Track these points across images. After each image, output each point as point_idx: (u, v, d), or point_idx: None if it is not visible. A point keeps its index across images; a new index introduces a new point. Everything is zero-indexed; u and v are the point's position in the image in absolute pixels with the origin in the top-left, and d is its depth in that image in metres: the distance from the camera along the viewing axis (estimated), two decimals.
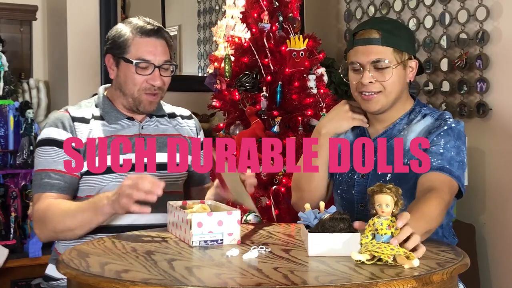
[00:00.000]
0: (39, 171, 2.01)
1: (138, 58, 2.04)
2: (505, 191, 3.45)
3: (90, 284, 1.36)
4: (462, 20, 3.58)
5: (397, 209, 1.48)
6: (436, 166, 1.86)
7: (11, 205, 3.15)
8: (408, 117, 2.02)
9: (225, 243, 1.70)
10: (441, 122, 1.95)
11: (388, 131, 2.01)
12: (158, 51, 2.06)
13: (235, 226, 1.72)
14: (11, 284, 3.09)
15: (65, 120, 2.05)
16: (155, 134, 2.13)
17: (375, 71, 1.94)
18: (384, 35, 1.93)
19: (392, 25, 2.02)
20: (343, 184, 2.06)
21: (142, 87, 2.06)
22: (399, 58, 1.95)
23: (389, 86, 1.94)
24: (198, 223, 1.68)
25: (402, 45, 1.96)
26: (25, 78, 3.59)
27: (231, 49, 3.34)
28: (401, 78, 1.97)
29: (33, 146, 3.18)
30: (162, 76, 2.07)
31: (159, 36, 2.08)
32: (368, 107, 1.98)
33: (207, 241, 1.69)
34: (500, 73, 3.44)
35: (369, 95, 1.96)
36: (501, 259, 3.48)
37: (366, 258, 1.43)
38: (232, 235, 1.71)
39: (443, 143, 1.91)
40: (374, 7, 4.13)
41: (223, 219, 1.70)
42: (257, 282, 1.31)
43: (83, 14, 3.62)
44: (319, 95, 3.27)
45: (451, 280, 1.45)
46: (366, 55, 1.94)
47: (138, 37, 2.05)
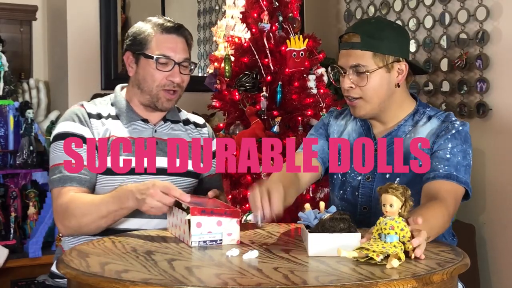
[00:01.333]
0: (56, 166, 1.99)
1: (159, 53, 2.04)
2: (505, 191, 3.44)
3: (90, 284, 1.36)
4: (462, 20, 3.58)
5: (405, 210, 1.48)
6: (443, 173, 1.85)
7: (11, 205, 3.15)
8: (413, 118, 2.01)
9: (225, 243, 1.69)
10: (448, 125, 1.94)
11: (393, 132, 2.00)
12: (179, 48, 2.07)
13: (235, 227, 1.71)
14: (11, 284, 3.09)
15: (80, 115, 2.04)
16: (168, 138, 2.11)
17: (355, 76, 1.93)
18: (364, 39, 1.91)
19: (375, 27, 1.97)
20: (346, 185, 2.04)
21: (161, 83, 2.05)
22: (380, 62, 1.92)
23: (369, 92, 1.93)
24: (197, 223, 1.67)
25: (384, 48, 1.92)
26: (25, 78, 3.60)
27: (231, 49, 3.34)
28: (384, 83, 1.94)
29: (33, 146, 3.18)
30: (181, 73, 2.07)
31: (180, 34, 2.08)
32: (354, 112, 1.99)
33: (206, 241, 1.68)
34: (500, 73, 3.44)
35: (352, 101, 1.96)
36: (501, 259, 3.48)
37: (353, 256, 1.43)
38: (231, 235, 1.71)
39: (450, 147, 1.89)
40: (374, 7, 4.13)
41: (222, 220, 1.70)
42: (257, 282, 1.31)
43: (83, 14, 3.63)
44: (319, 95, 3.27)
45: (451, 280, 1.45)
46: (346, 59, 1.94)
47: (159, 34, 2.05)
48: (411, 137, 1.97)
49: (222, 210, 1.73)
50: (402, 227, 1.46)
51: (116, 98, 2.12)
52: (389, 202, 1.47)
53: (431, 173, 1.87)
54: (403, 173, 1.94)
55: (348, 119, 2.12)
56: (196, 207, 1.69)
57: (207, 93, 3.57)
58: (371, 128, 2.04)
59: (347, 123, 2.11)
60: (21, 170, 3.16)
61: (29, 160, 3.14)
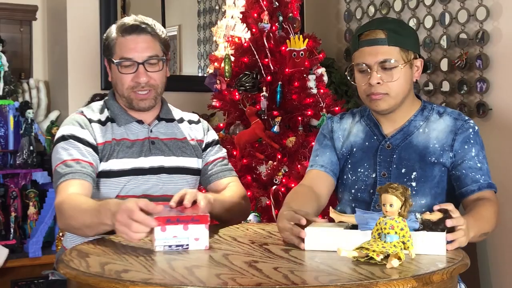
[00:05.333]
0: (57, 165, 1.98)
1: (120, 57, 2.04)
2: (505, 191, 3.44)
3: (90, 284, 1.36)
4: (462, 20, 3.58)
5: (405, 209, 1.48)
6: (485, 184, 1.95)
7: (11, 205, 3.15)
8: (422, 113, 2.04)
9: (192, 249, 1.62)
10: (463, 123, 2.00)
11: (404, 128, 2.02)
12: (139, 47, 2.04)
13: (203, 232, 1.63)
14: (11, 284, 3.09)
15: (81, 120, 2.05)
16: (164, 138, 2.12)
17: (382, 72, 1.94)
18: (390, 35, 1.93)
19: (397, 24, 2.02)
20: (358, 183, 2.04)
21: (130, 85, 2.05)
22: (405, 57, 1.95)
23: (396, 87, 1.95)
24: (162, 227, 1.60)
25: (408, 44, 1.96)
26: (25, 78, 3.60)
27: (231, 49, 3.34)
28: (408, 78, 1.98)
29: (33, 146, 3.18)
30: (148, 72, 2.05)
31: (140, 32, 2.05)
32: (376, 106, 1.98)
33: (171, 246, 1.61)
34: (500, 73, 3.44)
35: (376, 95, 1.96)
36: (501, 259, 3.48)
37: (353, 255, 1.43)
38: (198, 240, 1.62)
39: (474, 154, 1.97)
40: (374, 7, 4.13)
41: (189, 225, 1.62)
42: (257, 282, 1.31)
43: (83, 14, 3.62)
44: (319, 95, 3.27)
45: (451, 280, 1.45)
46: (373, 56, 1.94)
47: (120, 37, 2.05)
48: (425, 131, 2.00)
49: (189, 217, 1.63)
50: (402, 226, 1.46)
51: (109, 102, 2.14)
52: (389, 202, 1.47)
53: (473, 185, 1.95)
54: (419, 167, 1.97)
55: (352, 121, 2.12)
56: (160, 217, 1.60)
57: (207, 93, 3.57)
58: (380, 126, 2.05)
59: (351, 126, 2.11)
60: (21, 170, 3.16)
61: (29, 160, 3.14)
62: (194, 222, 1.62)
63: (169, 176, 2.07)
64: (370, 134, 2.06)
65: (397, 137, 2.01)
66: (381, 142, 2.03)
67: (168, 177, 2.07)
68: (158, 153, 2.08)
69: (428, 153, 1.97)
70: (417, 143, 1.99)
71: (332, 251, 1.51)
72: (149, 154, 2.07)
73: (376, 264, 1.42)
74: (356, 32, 2.02)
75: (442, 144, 1.98)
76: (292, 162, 3.16)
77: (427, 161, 1.97)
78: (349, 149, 2.07)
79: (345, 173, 2.07)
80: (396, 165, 1.98)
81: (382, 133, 2.04)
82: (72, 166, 1.96)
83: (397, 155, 1.99)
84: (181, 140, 2.16)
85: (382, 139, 2.03)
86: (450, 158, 1.97)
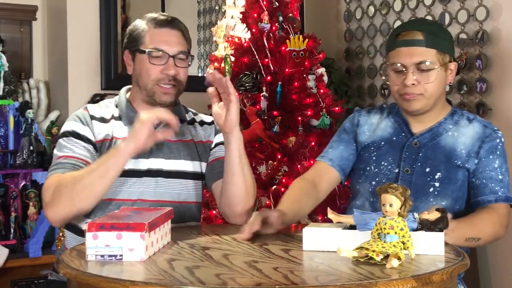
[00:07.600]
0: (54, 160, 1.99)
1: (152, 47, 2.03)
2: None
3: (90, 284, 1.36)
4: (462, 20, 3.58)
5: (404, 209, 1.48)
6: (503, 197, 1.95)
7: (11, 205, 3.15)
8: (452, 117, 2.06)
9: (126, 260, 1.49)
10: (491, 132, 2.01)
11: (434, 129, 2.04)
12: (172, 41, 2.05)
13: (137, 241, 1.49)
14: (11, 284, 3.09)
15: (82, 116, 2.05)
16: (169, 139, 2.05)
17: (418, 73, 1.95)
18: (428, 37, 1.94)
19: (435, 26, 2.05)
20: (380, 176, 2.04)
21: (157, 78, 2.03)
22: (441, 60, 1.97)
23: (431, 88, 1.96)
24: (94, 235, 1.49)
25: (444, 47, 1.97)
26: (25, 78, 3.60)
27: (231, 49, 3.34)
28: (442, 80, 1.99)
29: (33, 146, 3.18)
30: (177, 66, 2.05)
31: (174, 27, 2.07)
32: (409, 106, 2.00)
33: (104, 256, 1.49)
34: (500, 73, 3.44)
35: (412, 95, 1.97)
36: (501, 259, 3.48)
37: (352, 255, 1.43)
38: (133, 251, 1.49)
39: (497, 166, 1.98)
40: (374, 7, 4.13)
41: (123, 233, 1.49)
42: (257, 282, 1.31)
43: (83, 14, 3.62)
44: (319, 95, 3.27)
45: (451, 280, 1.45)
46: (410, 57, 1.95)
47: (153, 28, 2.05)
48: (454, 135, 2.02)
49: (125, 224, 1.50)
50: (401, 226, 1.46)
51: (119, 99, 2.12)
52: (388, 202, 1.47)
53: (491, 195, 1.95)
54: (444, 168, 1.98)
55: (380, 117, 2.14)
56: (94, 223, 1.50)
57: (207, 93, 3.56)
58: (409, 124, 2.06)
59: (379, 121, 2.13)
60: (21, 170, 3.16)
61: (29, 160, 3.14)
62: (129, 230, 1.49)
63: (166, 180, 2.04)
64: (399, 130, 2.08)
65: (426, 136, 2.03)
66: (409, 139, 2.04)
67: (164, 181, 2.04)
68: (159, 155, 2.05)
69: (455, 155, 1.99)
70: (444, 145, 2.00)
71: (331, 251, 1.51)
72: (150, 155, 2.03)
73: (376, 264, 1.42)
74: (394, 32, 2.02)
75: (469, 150, 2.00)
76: (292, 162, 3.16)
77: (453, 163, 1.98)
78: (376, 141, 2.08)
79: (369, 164, 2.08)
80: (421, 163, 1.99)
81: (411, 130, 2.06)
82: (66, 162, 1.95)
83: (423, 153, 2.00)
84: (187, 142, 2.13)
85: (410, 136, 2.05)
86: (475, 164, 1.99)
